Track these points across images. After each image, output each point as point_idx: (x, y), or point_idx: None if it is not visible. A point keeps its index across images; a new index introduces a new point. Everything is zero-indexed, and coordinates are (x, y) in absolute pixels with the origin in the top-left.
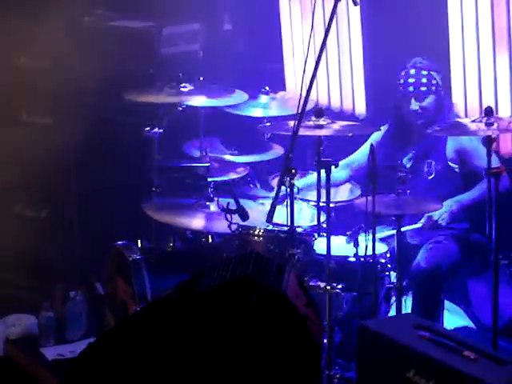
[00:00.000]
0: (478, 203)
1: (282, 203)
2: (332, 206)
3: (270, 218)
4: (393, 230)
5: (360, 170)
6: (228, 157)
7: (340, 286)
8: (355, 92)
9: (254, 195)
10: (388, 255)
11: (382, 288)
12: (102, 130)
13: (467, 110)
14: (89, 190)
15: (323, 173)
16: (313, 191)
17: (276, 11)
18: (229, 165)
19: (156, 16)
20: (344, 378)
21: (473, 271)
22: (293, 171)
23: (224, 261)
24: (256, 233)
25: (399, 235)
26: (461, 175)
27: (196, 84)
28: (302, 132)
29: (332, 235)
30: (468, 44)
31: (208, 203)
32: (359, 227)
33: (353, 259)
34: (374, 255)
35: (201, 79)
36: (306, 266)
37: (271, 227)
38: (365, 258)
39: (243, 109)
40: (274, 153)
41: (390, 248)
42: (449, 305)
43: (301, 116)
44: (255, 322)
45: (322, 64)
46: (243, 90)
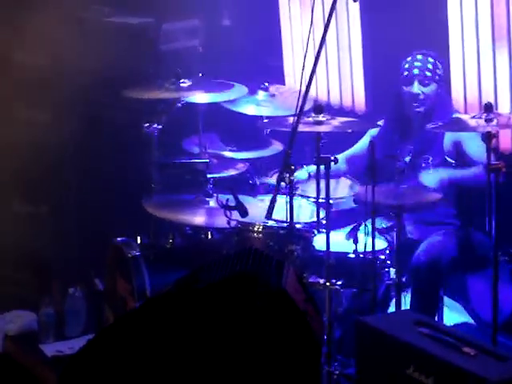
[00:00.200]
0: (469, 183)
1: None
2: (331, 203)
3: (270, 215)
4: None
5: (358, 165)
6: (227, 153)
7: (339, 283)
8: (354, 88)
9: (253, 191)
10: (387, 251)
11: (382, 284)
12: (101, 127)
13: (467, 106)
14: (88, 186)
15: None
16: (306, 185)
17: (275, 7)
18: (228, 161)
19: (155, 12)
20: (343, 374)
21: (472, 267)
22: (292, 167)
23: (223, 257)
24: (255, 229)
25: (399, 230)
26: (456, 165)
27: (195, 80)
28: (302, 128)
29: (331, 231)
30: (467, 40)
31: (207, 199)
32: (358, 223)
33: (352, 255)
34: (374, 251)
35: (200, 75)
36: (306, 263)
37: (270, 223)
38: (364, 255)
39: (242, 105)
40: (273, 149)
41: (390, 242)
42: (448, 301)
43: (300, 112)
44: (255, 318)
45: (322, 60)
46: (242, 85)
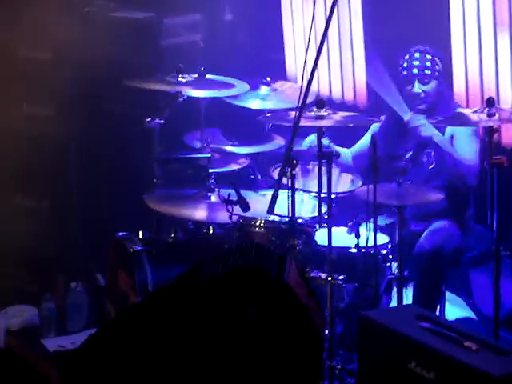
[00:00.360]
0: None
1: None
2: (333, 197)
3: (271, 209)
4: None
5: (361, 161)
6: (229, 148)
7: (341, 277)
8: (356, 82)
9: (255, 186)
10: (389, 246)
11: (384, 279)
12: (103, 121)
13: (469, 101)
14: (90, 181)
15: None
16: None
17: (277, 1)
18: (230, 156)
19: (157, 6)
20: (345, 369)
21: (475, 260)
22: (294, 162)
23: (225, 251)
24: (257, 224)
25: (400, 226)
26: None
27: (197, 75)
28: (304, 123)
29: (333, 226)
30: (469, 33)
31: (209, 194)
32: (360, 218)
33: (354, 250)
34: (376, 246)
35: (202, 70)
36: (307, 257)
37: (272, 218)
38: (366, 249)
39: (244, 100)
40: (275, 144)
41: (392, 238)
42: (450, 296)
43: (302, 107)
44: (258, 312)
45: (323, 54)
46: (244, 81)
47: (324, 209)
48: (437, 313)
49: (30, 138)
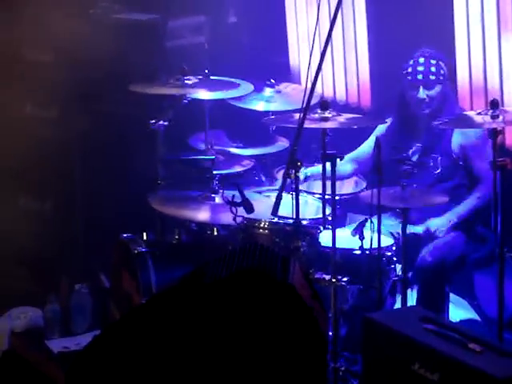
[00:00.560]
0: (478, 208)
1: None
2: (337, 199)
3: (275, 211)
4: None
5: (365, 164)
6: (233, 149)
7: (345, 279)
8: (360, 84)
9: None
10: (394, 248)
11: (388, 281)
12: (107, 123)
13: (473, 103)
14: (94, 183)
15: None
16: (318, 181)
17: (281, 3)
18: (234, 157)
19: (161, 8)
20: (349, 371)
21: (479, 262)
22: (298, 164)
23: (229, 252)
24: (261, 225)
25: (405, 228)
26: (465, 170)
27: (201, 76)
28: (308, 125)
29: (337, 228)
30: (473, 35)
31: (213, 196)
32: (365, 220)
33: (358, 252)
34: (380, 248)
35: (206, 71)
36: (312, 259)
37: (276, 220)
38: (370, 251)
39: (248, 102)
40: (279, 145)
41: (396, 239)
42: (454, 298)
43: (306, 109)
44: (263, 314)
45: (328, 56)
46: (248, 82)
47: (328, 210)
48: (441, 314)
49: (34, 139)
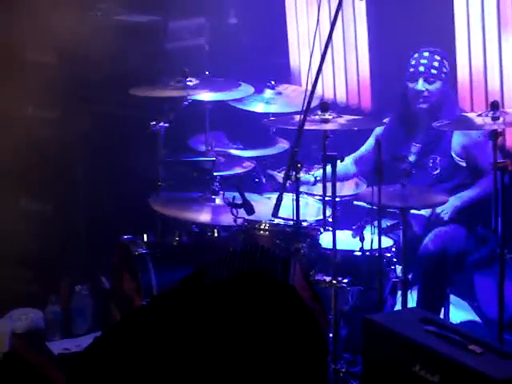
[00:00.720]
0: (481, 199)
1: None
2: (338, 201)
3: (276, 213)
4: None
5: (365, 165)
6: (234, 151)
7: (346, 281)
8: (361, 86)
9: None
10: (394, 249)
11: (388, 282)
12: (108, 125)
13: (473, 104)
14: (95, 184)
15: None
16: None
17: (281, 5)
18: (234, 159)
19: (162, 10)
20: (350, 372)
21: (479, 263)
22: (298, 165)
23: (230, 254)
24: (262, 227)
25: (404, 229)
26: (468, 170)
27: (202, 78)
28: (308, 126)
29: (337, 229)
30: (474, 35)
31: (214, 197)
32: (365, 221)
33: (358, 253)
34: (380, 249)
35: (207, 73)
36: (312, 261)
37: (277, 221)
38: (370, 252)
39: (249, 103)
40: (280, 147)
41: (396, 242)
42: (454, 299)
43: (306, 110)
44: (264, 315)
45: (328, 58)
46: (249, 84)
47: (328, 212)
48: (441, 316)
49: (35, 141)
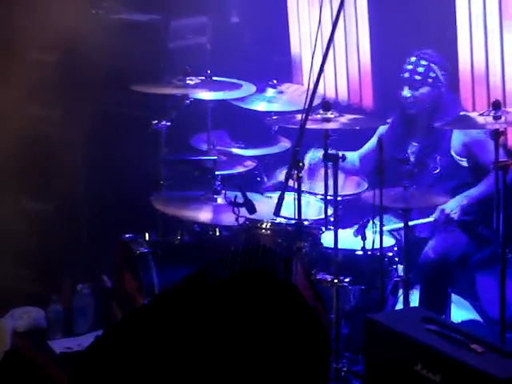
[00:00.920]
0: (487, 197)
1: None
2: (339, 200)
3: (278, 212)
4: (400, 223)
5: (367, 163)
6: (235, 150)
7: (347, 280)
8: (362, 85)
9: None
10: (395, 248)
11: (390, 281)
12: (110, 123)
13: (475, 104)
14: (96, 183)
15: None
16: (321, 182)
17: (283, 4)
18: (236, 158)
19: (164, 9)
20: (351, 371)
21: (481, 262)
22: (300, 164)
23: (232, 253)
24: (263, 226)
25: (407, 228)
26: (470, 169)
27: (204, 77)
28: (310, 125)
29: (339, 228)
30: (476, 35)
31: (215, 196)
32: (366, 220)
33: (360, 252)
34: (382, 248)
35: (208, 72)
36: (314, 260)
37: (278, 220)
38: (372, 252)
39: (250, 102)
40: (282, 146)
41: (398, 241)
42: (456, 298)
43: (308, 109)
44: (266, 314)
45: (330, 57)
46: (251, 83)
47: (330, 211)
48: (443, 315)
49: (37, 140)
